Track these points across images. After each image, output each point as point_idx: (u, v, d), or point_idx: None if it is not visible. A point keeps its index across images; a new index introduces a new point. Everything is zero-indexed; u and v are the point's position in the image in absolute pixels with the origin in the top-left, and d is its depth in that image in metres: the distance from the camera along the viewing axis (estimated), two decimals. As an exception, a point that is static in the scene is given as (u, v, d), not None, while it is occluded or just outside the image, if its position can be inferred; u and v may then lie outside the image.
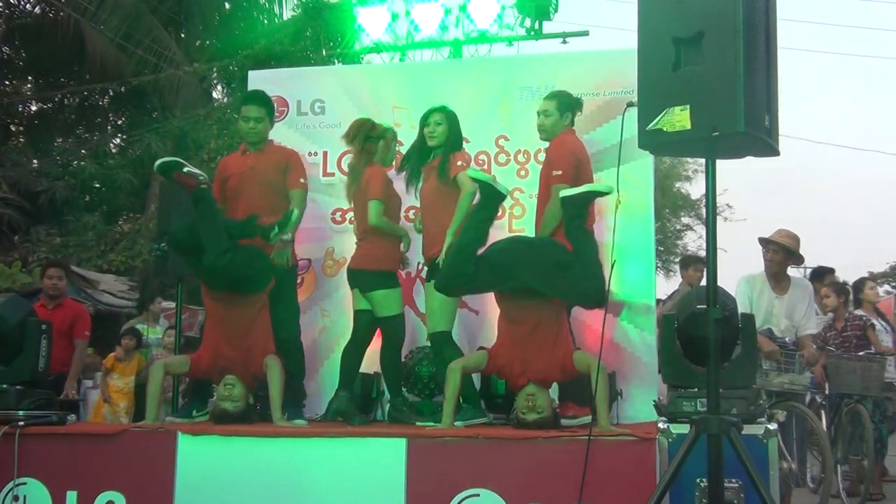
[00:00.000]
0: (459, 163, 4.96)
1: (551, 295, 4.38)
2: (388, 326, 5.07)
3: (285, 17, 16.87)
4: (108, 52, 15.56)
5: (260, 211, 4.95)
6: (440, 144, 5.01)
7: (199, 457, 4.26)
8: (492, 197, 4.56)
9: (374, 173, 5.06)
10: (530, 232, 5.19)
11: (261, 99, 5.25)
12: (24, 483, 4.36)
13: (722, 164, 3.48)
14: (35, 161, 16.48)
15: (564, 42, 7.74)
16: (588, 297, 4.43)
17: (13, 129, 16.75)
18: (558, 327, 4.38)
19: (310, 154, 6.05)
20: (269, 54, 14.64)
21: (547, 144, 5.08)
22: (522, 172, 5.68)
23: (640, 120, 3.40)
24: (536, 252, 4.47)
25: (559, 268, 4.36)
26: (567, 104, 5.02)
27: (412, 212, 5.59)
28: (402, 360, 5.39)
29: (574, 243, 4.49)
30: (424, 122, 5.08)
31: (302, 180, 5.16)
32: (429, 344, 5.27)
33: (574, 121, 5.07)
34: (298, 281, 5.50)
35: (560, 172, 4.81)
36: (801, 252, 5.99)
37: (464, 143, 5.27)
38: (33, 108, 17.74)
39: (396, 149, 5.37)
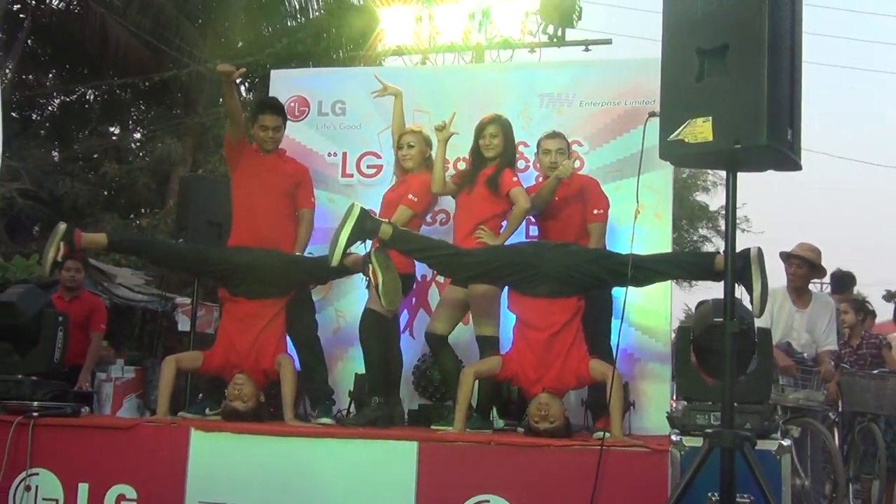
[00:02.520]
0: (515, 178, 4.95)
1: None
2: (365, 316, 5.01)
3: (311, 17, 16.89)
4: (132, 47, 15.64)
5: (274, 216, 5.13)
6: (497, 156, 4.99)
7: (211, 453, 4.29)
8: None
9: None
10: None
11: (279, 108, 5.34)
12: (37, 473, 4.40)
13: (740, 177, 3.47)
14: (56, 154, 16.56)
15: (587, 50, 7.74)
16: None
17: (35, 117, 16.83)
18: (574, 335, 4.36)
19: (329, 154, 6.07)
20: (291, 53, 14.67)
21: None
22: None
23: (662, 130, 3.40)
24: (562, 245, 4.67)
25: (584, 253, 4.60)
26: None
27: (441, 216, 5.61)
28: (416, 363, 5.39)
29: None
30: (480, 133, 5.02)
31: (312, 199, 5.36)
32: None
33: None
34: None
35: (600, 212, 5.00)
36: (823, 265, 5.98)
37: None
38: (56, 101, 17.83)
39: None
